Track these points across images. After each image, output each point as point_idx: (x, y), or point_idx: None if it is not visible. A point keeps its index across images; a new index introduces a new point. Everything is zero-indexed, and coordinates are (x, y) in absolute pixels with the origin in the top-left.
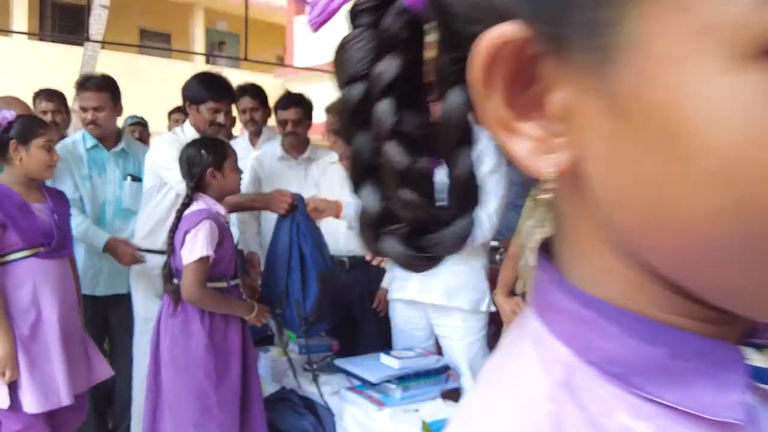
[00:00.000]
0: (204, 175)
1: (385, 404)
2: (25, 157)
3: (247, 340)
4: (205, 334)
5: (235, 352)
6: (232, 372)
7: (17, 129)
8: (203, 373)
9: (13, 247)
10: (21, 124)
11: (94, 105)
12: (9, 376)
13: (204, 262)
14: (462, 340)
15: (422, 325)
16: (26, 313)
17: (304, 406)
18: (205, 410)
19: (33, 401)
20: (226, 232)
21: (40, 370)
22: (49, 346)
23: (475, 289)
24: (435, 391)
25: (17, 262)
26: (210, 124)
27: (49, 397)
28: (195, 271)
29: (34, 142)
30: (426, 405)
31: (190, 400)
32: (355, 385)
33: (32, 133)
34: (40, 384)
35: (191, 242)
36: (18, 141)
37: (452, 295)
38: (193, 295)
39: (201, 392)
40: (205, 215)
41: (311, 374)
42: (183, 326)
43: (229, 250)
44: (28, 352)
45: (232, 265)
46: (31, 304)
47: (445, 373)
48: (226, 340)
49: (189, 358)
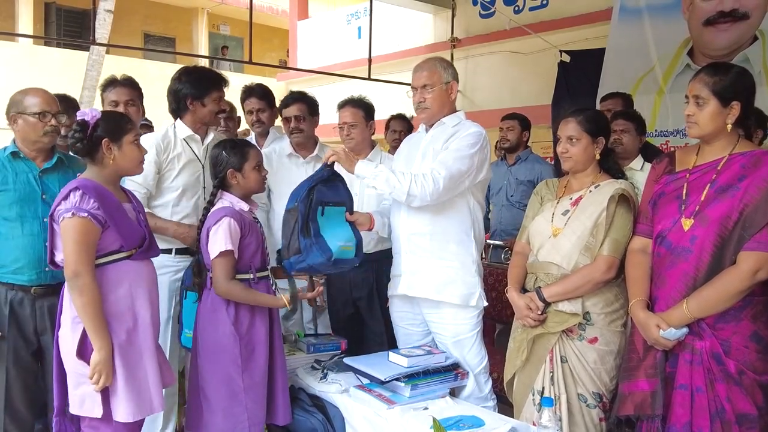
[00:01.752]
0: (226, 175)
1: (394, 402)
2: (117, 155)
3: (274, 332)
4: (231, 323)
5: (261, 342)
6: (258, 360)
7: (106, 126)
8: (230, 359)
9: (111, 248)
10: (110, 121)
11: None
12: (103, 382)
13: (227, 256)
14: (453, 336)
15: (418, 321)
16: (123, 316)
17: (313, 405)
18: (233, 395)
19: (127, 410)
20: (250, 228)
21: (135, 378)
22: (143, 352)
23: (464, 283)
24: (444, 388)
25: (114, 264)
26: (217, 114)
27: (142, 406)
28: (220, 265)
29: (126, 139)
30: (435, 402)
31: (219, 385)
32: (364, 384)
33: (122, 130)
34: (135, 392)
35: (213, 238)
36: (110, 139)
37: (441, 289)
38: (221, 288)
39: (228, 378)
40: (224, 213)
41: (320, 372)
42: (210, 316)
43: (253, 244)
44: (125, 358)
45: (258, 259)
46: (127, 308)
47: (455, 371)
48: (252, 329)
49: (216, 345)
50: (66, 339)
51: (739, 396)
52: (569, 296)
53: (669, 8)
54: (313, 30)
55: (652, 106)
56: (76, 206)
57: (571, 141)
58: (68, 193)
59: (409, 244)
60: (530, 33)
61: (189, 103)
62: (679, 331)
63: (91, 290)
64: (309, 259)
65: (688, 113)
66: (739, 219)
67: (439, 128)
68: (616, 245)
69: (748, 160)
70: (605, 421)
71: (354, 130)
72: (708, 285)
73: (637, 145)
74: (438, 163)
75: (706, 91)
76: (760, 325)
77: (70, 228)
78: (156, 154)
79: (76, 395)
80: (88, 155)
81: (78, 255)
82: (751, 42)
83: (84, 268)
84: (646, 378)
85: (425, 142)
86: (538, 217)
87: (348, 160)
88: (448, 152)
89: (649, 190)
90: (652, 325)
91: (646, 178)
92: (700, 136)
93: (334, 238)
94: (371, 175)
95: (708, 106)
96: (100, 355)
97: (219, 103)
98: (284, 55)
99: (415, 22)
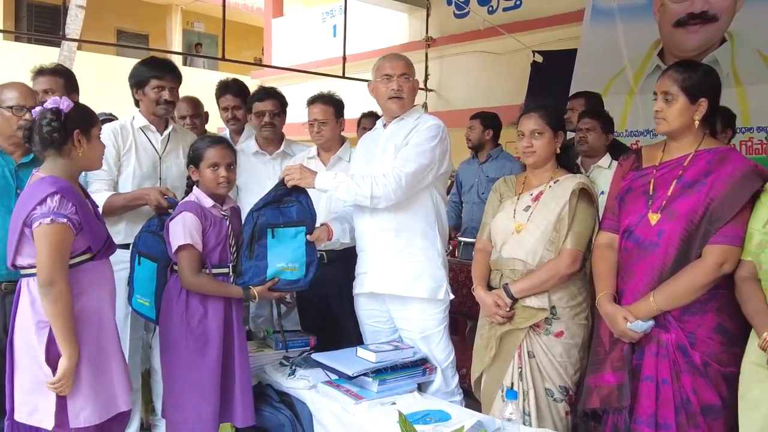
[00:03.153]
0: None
1: (362, 397)
2: (86, 148)
3: (234, 331)
4: (180, 315)
5: (214, 338)
6: (209, 356)
7: (79, 117)
8: (180, 352)
9: (79, 251)
10: (81, 112)
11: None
12: (65, 390)
13: (187, 249)
14: (421, 332)
15: (385, 318)
16: (90, 319)
17: (281, 401)
18: (182, 389)
19: (95, 413)
20: (213, 224)
21: (102, 379)
22: (109, 353)
23: (431, 277)
24: (412, 383)
25: (81, 266)
26: (156, 103)
27: (109, 406)
28: (182, 260)
29: (94, 131)
30: (403, 397)
31: (173, 377)
32: (332, 379)
33: (92, 122)
34: (102, 394)
35: (172, 232)
36: (81, 130)
37: (409, 284)
38: (186, 281)
39: (179, 371)
40: (184, 207)
41: (288, 369)
42: (166, 306)
43: (212, 241)
44: (92, 362)
45: (216, 256)
46: (94, 311)
47: (422, 366)
48: (204, 324)
49: (168, 336)
50: (29, 344)
51: (704, 387)
52: (536, 291)
53: (640, 10)
54: (288, 28)
55: (623, 106)
56: (54, 212)
57: (535, 135)
58: (45, 197)
59: (375, 241)
60: (504, 33)
61: (135, 93)
62: (646, 324)
63: (65, 298)
64: (248, 281)
65: (656, 109)
66: (705, 213)
67: (399, 124)
68: (579, 238)
69: (714, 157)
70: (571, 415)
71: (324, 127)
72: (674, 278)
73: (604, 143)
74: (399, 160)
75: (675, 87)
76: (725, 318)
77: (49, 234)
78: (114, 140)
79: (29, 402)
80: (57, 147)
81: (53, 262)
82: (720, 43)
83: (59, 276)
84: (613, 371)
85: (384, 138)
86: (500, 214)
87: (304, 178)
88: (408, 148)
89: (616, 186)
90: (619, 317)
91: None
92: (667, 131)
93: (278, 259)
94: (332, 187)
95: (676, 102)
96: (70, 362)
97: (159, 92)
98: (259, 53)
99: (390, 21)
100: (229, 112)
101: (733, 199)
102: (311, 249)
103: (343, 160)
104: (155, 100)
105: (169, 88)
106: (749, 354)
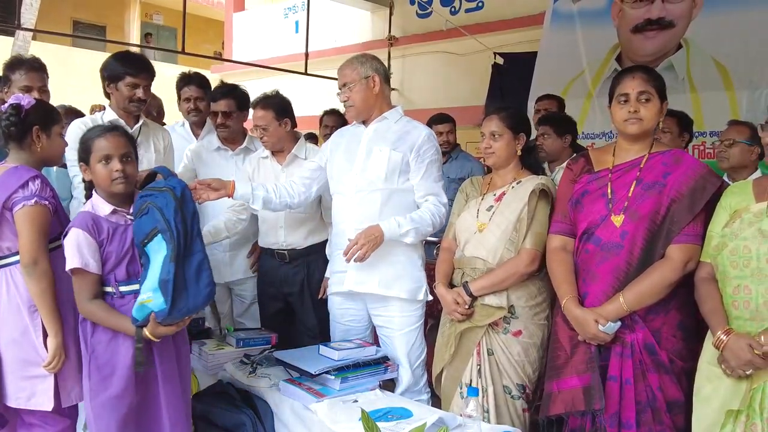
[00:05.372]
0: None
1: (324, 395)
2: (45, 144)
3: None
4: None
5: (123, 367)
6: (113, 387)
7: (39, 114)
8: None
9: (53, 235)
10: (42, 110)
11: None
12: (59, 367)
13: (78, 274)
14: (399, 330)
15: (359, 316)
16: (69, 299)
17: (242, 399)
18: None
19: (78, 392)
20: (109, 234)
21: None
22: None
23: (411, 278)
24: (374, 381)
25: (56, 251)
26: (129, 101)
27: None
28: (75, 285)
29: (54, 129)
30: (365, 395)
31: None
32: (294, 377)
33: (53, 120)
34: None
35: (66, 253)
36: (40, 127)
37: (390, 284)
38: (81, 309)
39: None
40: (74, 223)
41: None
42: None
43: (114, 254)
44: (76, 342)
45: (122, 271)
46: (66, 294)
47: (384, 364)
48: (111, 351)
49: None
50: (22, 328)
51: (669, 384)
52: (495, 289)
53: (600, 15)
54: (249, 22)
55: (581, 109)
56: (37, 194)
57: (494, 137)
58: (27, 180)
59: None
60: (466, 34)
61: (107, 86)
62: (615, 325)
63: (48, 276)
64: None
65: (634, 109)
66: (666, 214)
67: (381, 123)
68: (538, 238)
69: (669, 158)
70: (528, 412)
71: (266, 131)
72: (642, 278)
73: (561, 145)
74: (432, 196)
75: (651, 88)
76: (686, 314)
77: (32, 215)
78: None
79: (25, 388)
80: (16, 140)
81: (37, 243)
82: (676, 49)
83: (42, 255)
84: (577, 374)
85: (367, 137)
86: (464, 214)
87: (375, 243)
88: (430, 178)
89: (566, 189)
90: (590, 321)
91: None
92: (645, 130)
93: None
94: (401, 235)
95: (652, 103)
96: (57, 339)
97: (132, 90)
98: (219, 47)
99: (352, 18)
100: (191, 102)
101: (694, 200)
102: (165, 263)
103: (298, 158)
104: (128, 97)
105: (143, 86)
106: (705, 353)
